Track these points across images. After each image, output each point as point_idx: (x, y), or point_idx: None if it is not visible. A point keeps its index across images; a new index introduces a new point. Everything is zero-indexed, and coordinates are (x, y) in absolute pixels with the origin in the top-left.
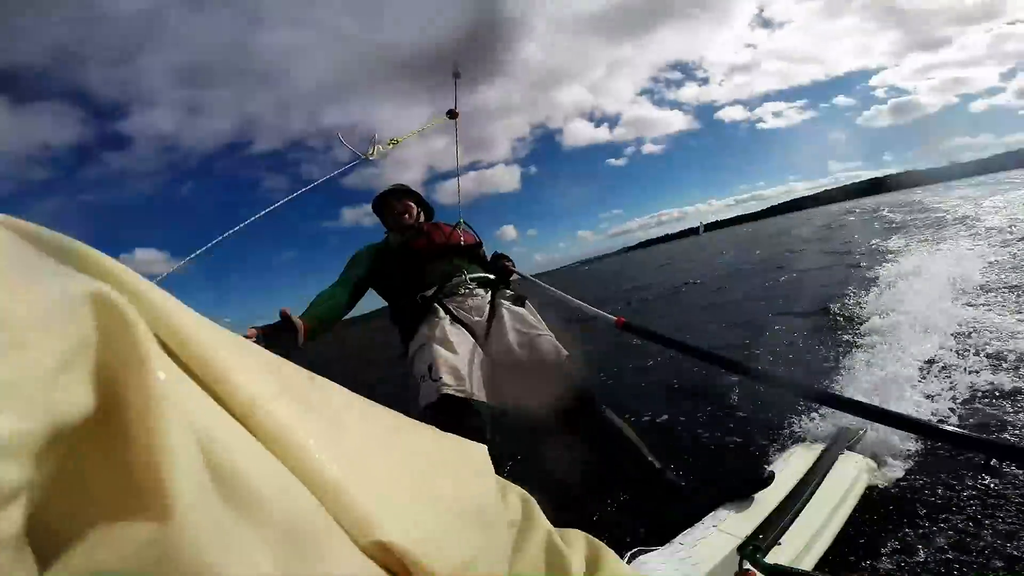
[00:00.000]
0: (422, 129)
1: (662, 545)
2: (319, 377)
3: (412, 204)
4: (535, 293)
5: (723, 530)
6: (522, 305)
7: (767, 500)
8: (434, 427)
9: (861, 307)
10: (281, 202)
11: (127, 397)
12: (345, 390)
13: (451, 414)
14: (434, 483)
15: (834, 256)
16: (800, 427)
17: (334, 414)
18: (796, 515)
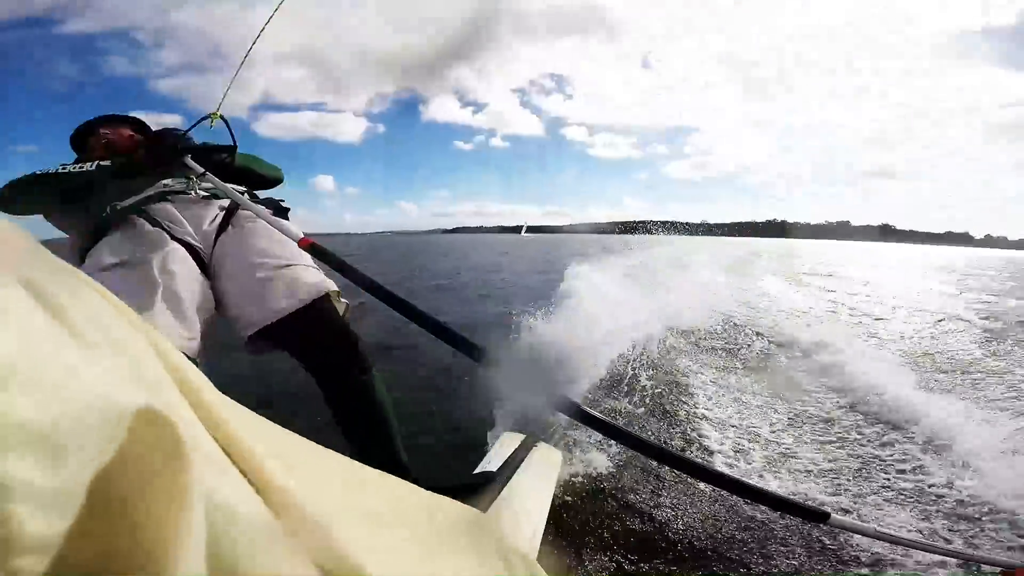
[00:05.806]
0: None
1: None
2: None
3: (130, 132)
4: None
5: None
6: (285, 217)
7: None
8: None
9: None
10: None
11: (163, 492)
12: (344, 460)
13: None
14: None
15: None
16: (506, 409)
17: (338, 485)
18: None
